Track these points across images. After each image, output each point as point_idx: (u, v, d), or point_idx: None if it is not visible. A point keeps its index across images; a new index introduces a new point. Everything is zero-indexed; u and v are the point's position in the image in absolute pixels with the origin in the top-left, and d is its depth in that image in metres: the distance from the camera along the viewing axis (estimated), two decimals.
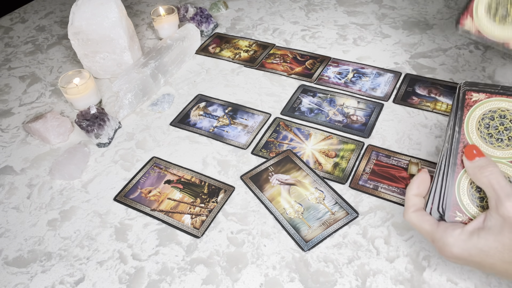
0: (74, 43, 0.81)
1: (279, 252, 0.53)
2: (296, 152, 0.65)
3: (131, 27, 0.85)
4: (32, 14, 1.13)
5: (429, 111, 0.70)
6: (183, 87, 0.82)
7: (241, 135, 0.70)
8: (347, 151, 0.65)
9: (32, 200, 0.63)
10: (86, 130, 0.69)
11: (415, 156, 0.63)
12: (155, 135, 0.72)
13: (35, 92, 0.85)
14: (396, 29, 0.91)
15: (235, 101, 0.77)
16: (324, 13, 0.99)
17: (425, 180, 0.45)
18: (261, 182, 0.61)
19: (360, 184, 0.60)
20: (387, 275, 0.49)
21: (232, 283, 0.50)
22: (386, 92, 0.75)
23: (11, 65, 0.94)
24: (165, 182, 0.63)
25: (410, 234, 0.53)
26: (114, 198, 0.62)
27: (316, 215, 0.56)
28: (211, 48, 0.91)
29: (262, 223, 0.56)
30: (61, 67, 0.91)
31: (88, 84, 0.76)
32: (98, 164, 0.68)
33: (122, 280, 0.52)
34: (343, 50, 0.86)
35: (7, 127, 0.77)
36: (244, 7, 1.05)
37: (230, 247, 0.54)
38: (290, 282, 0.50)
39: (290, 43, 0.90)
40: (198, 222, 0.57)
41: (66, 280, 0.53)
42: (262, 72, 0.83)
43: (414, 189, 0.45)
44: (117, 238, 0.57)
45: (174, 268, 0.53)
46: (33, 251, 0.56)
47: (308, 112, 0.73)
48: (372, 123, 0.69)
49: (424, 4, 0.99)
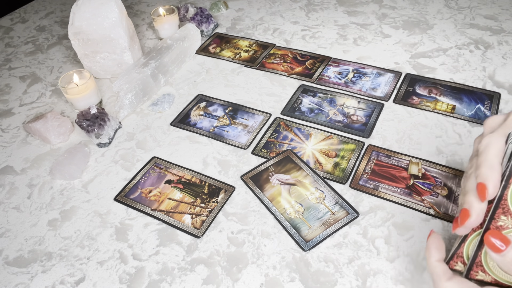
0: (75, 43, 0.81)
1: (280, 252, 0.53)
2: (297, 152, 0.65)
3: (131, 27, 0.85)
4: (32, 14, 1.13)
5: (430, 111, 0.70)
6: (184, 87, 0.82)
7: (241, 135, 0.70)
8: (347, 151, 0.65)
9: (32, 200, 0.63)
10: (86, 130, 0.69)
11: (416, 156, 0.63)
12: (155, 135, 0.72)
13: (36, 92, 0.85)
14: (396, 29, 0.91)
15: (236, 101, 0.77)
16: (324, 13, 0.99)
17: (440, 244, 0.41)
18: (262, 182, 0.61)
19: (360, 184, 0.60)
20: (388, 275, 0.49)
21: (232, 283, 0.50)
22: (386, 92, 0.75)
23: (11, 65, 0.94)
24: (166, 182, 0.63)
25: (410, 234, 0.53)
26: (115, 198, 0.62)
27: (316, 215, 0.56)
28: (212, 48, 0.91)
29: (262, 223, 0.56)
30: (62, 67, 0.91)
31: (89, 84, 0.76)
32: (99, 164, 0.68)
33: (122, 280, 0.52)
34: (343, 50, 0.86)
35: (8, 127, 0.77)
36: (244, 7, 1.05)
37: (231, 247, 0.54)
38: (290, 282, 0.50)
39: (290, 43, 0.90)
40: (198, 222, 0.57)
41: (66, 280, 0.53)
42: (262, 72, 0.83)
43: (436, 255, 0.40)
44: (118, 238, 0.57)
45: (175, 268, 0.53)
46: (33, 251, 0.56)
47: (309, 112, 0.73)
48: (373, 123, 0.69)
49: (424, 4, 0.99)
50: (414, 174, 0.60)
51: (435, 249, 0.40)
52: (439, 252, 0.40)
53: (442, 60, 0.81)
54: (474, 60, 0.80)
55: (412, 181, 0.59)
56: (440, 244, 0.41)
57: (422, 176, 0.60)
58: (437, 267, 0.39)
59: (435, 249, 0.40)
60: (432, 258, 0.40)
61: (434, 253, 0.40)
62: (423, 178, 0.59)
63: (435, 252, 0.40)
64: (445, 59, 0.81)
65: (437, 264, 0.40)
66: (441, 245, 0.41)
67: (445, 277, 0.39)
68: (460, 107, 0.70)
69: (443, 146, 0.64)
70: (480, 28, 0.88)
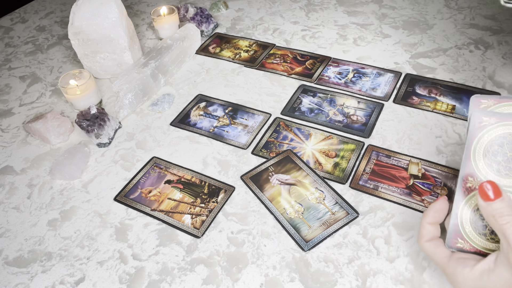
0: (75, 43, 0.81)
1: (279, 252, 0.53)
2: (296, 152, 0.65)
3: (131, 27, 0.85)
4: (32, 14, 1.13)
5: (429, 111, 0.70)
6: (183, 87, 0.82)
7: (241, 135, 0.70)
8: (347, 151, 0.65)
9: (32, 200, 0.63)
10: (86, 130, 0.69)
11: (416, 156, 0.63)
12: (155, 135, 0.72)
13: (36, 92, 0.85)
14: (396, 29, 0.91)
15: (235, 101, 0.77)
16: (324, 13, 0.99)
17: (442, 209, 0.43)
18: (261, 182, 0.61)
19: (360, 184, 0.60)
20: (387, 275, 0.49)
21: (232, 283, 0.50)
22: (386, 92, 0.75)
23: (11, 65, 0.94)
24: (165, 182, 0.63)
25: (410, 234, 0.53)
26: (115, 198, 0.62)
27: (316, 215, 0.56)
28: (211, 48, 0.91)
29: (262, 223, 0.56)
30: (62, 67, 0.91)
31: (89, 84, 0.76)
32: (99, 164, 0.68)
33: (122, 280, 0.52)
34: (343, 50, 0.86)
35: (8, 127, 0.77)
36: (244, 7, 1.05)
37: (230, 247, 0.54)
38: (290, 282, 0.50)
39: (290, 43, 0.90)
40: (198, 222, 0.57)
41: (66, 280, 0.53)
42: (262, 72, 0.83)
43: (430, 218, 0.43)
44: (118, 238, 0.57)
45: (175, 268, 0.53)
46: (33, 251, 0.56)
47: (308, 112, 0.73)
48: (372, 123, 0.69)
49: (424, 4, 0.99)
50: (414, 174, 0.60)
51: (434, 211, 0.43)
52: (435, 216, 0.43)
53: (442, 60, 0.81)
54: (474, 60, 0.80)
55: (412, 181, 0.59)
56: (441, 208, 0.43)
57: (422, 176, 0.60)
58: (425, 229, 0.43)
59: (434, 211, 0.43)
60: (426, 219, 0.43)
61: (430, 215, 0.43)
62: (423, 178, 0.59)
63: (431, 214, 0.43)
64: (445, 59, 0.81)
65: (426, 225, 0.43)
66: (442, 209, 0.43)
67: (426, 237, 0.43)
68: (460, 107, 0.70)
69: (443, 146, 0.64)
70: (480, 28, 0.88)
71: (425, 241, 0.43)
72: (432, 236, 0.43)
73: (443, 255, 0.42)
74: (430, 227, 0.43)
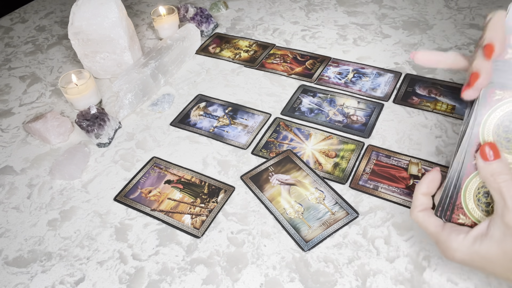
0: (74, 43, 0.81)
1: (279, 252, 0.53)
2: (296, 152, 0.65)
3: (131, 27, 0.85)
4: (32, 14, 1.13)
5: (429, 111, 0.70)
6: (183, 87, 0.82)
7: (241, 135, 0.70)
8: (347, 151, 0.65)
9: (32, 200, 0.63)
10: (86, 130, 0.69)
11: (415, 156, 0.63)
12: (155, 135, 0.72)
13: (35, 92, 0.85)
14: (396, 29, 0.91)
15: (235, 101, 0.77)
16: (324, 13, 0.99)
17: (435, 179, 0.44)
18: (261, 182, 0.61)
19: (360, 184, 0.60)
20: (387, 275, 0.49)
21: (232, 283, 0.50)
22: (386, 92, 0.75)
23: (11, 65, 0.94)
24: (165, 182, 0.63)
25: (410, 234, 0.53)
26: (114, 198, 0.62)
27: (316, 215, 0.56)
28: (211, 48, 0.91)
29: (262, 223, 0.56)
30: (61, 67, 0.91)
31: (88, 84, 0.76)
32: (98, 164, 0.68)
33: (122, 280, 0.52)
34: (343, 50, 0.86)
35: (7, 127, 0.77)
36: (244, 7, 1.05)
37: (230, 247, 0.54)
38: (290, 282, 0.50)
39: (290, 43, 0.90)
40: (198, 222, 0.57)
41: (66, 280, 0.53)
42: (262, 72, 0.83)
43: (423, 188, 0.44)
44: (117, 238, 0.57)
45: (174, 268, 0.53)
46: (33, 251, 0.56)
47: (308, 112, 0.73)
48: (372, 123, 0.69)
49: (424, 4, 0.99)
50: (414, 174, 0.60)
51: (428, 182, 0.43)
52: (429, 186, 0.43)
53: None
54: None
55: (412, 181, 0.59)
56: (434, 178, 0.43)
57: (422, 176, 0.60)
58: (418, 199, 0.43)
59: (428, 182, 0.43)
60: (420, 190, 0.44)
61: (424, 186, 0.43)
62: None
63: (425, 185, 0.43)
64: None
65: (420, 196, 0.43)
66: (435, 179, 0.43)
67: (420, 207, 0.43)
68: (460, 107, 0.70)
69: (443, 146, 0.64)
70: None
71: (418, 211, 0.43)
72: (425, 206, 0.44)
73: (436, 224, 0.42)
74: (423, 198, 0.44)
